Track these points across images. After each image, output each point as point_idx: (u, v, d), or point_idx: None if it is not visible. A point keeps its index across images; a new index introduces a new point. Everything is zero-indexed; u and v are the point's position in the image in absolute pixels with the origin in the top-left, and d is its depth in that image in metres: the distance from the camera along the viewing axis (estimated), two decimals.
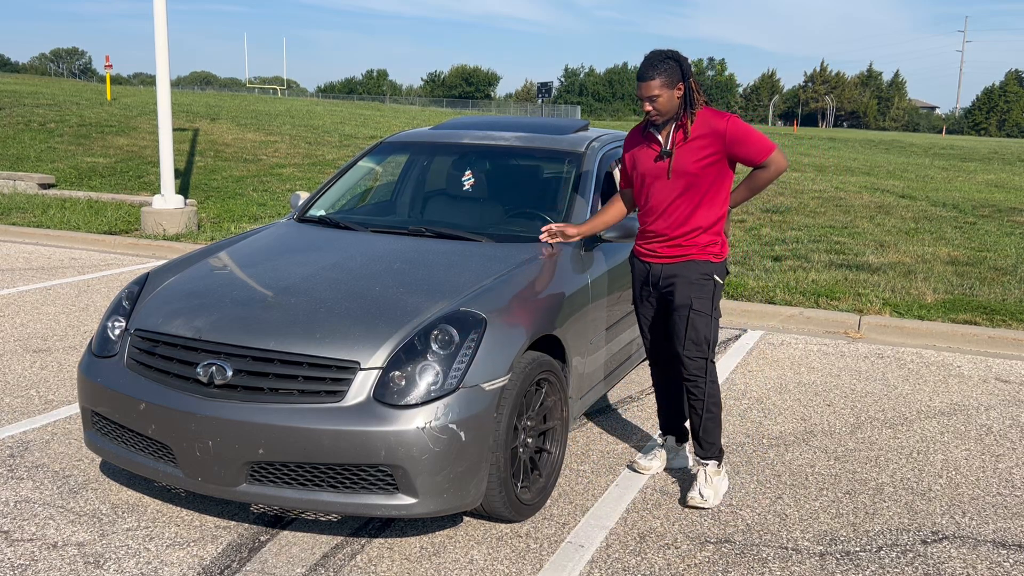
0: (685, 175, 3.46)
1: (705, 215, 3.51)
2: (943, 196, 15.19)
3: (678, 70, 3.40)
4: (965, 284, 7.92)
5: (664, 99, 3.40)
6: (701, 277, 3.53)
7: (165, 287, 3.71)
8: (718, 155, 3.44)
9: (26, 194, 12.74)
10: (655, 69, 3.38)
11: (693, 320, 3.52)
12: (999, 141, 53.93)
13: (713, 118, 3.45)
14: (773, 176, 3.49)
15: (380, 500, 3.02)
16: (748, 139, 3.42)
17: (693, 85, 3.44)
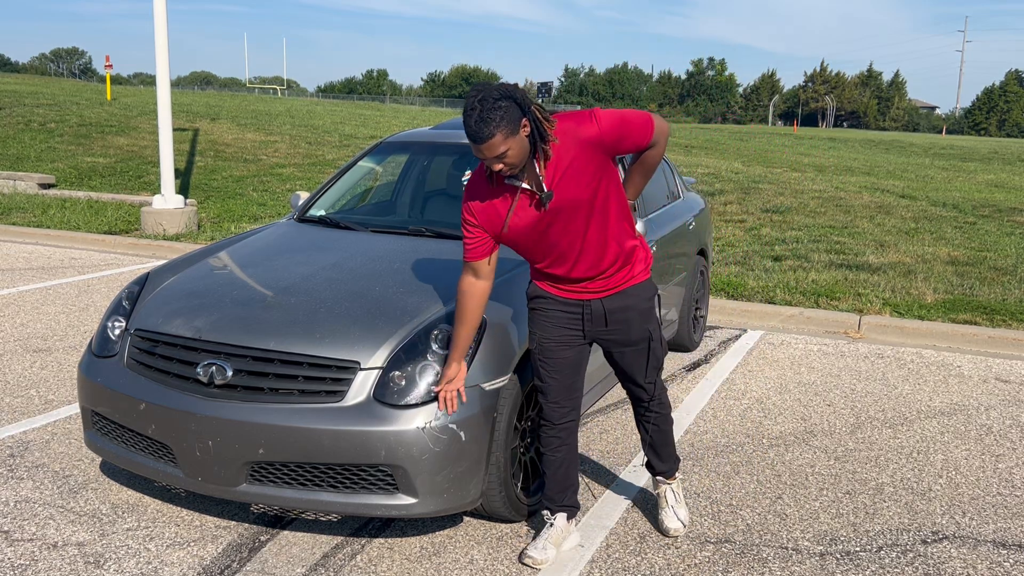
0: (579, 207, 2.82)
1: (619, 233, 2.94)
2: (943, 196, 15.19)
3: (514, 107, 2.64)
4: (965, 284, 7.92)
5: (515, 151, 2.67)
6: (649, 301, 3.09)
7: (165, 287, 3.71)
8: (602, 165, 2.80)
9: (26, 194, 12.74)
10: (490, 123, 2.61)
11: (654, 350, 3.13)
12: (999, 141, 53.93)
13: (577, 128, 2.77)
14: (664, 149, 2.91)
15: (380, 500, 3.02)
16: (625, 127, 2.77)
17: (536, 113, 2.71)
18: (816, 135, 45.41)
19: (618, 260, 2.98)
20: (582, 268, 2.94)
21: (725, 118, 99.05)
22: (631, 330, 3.06)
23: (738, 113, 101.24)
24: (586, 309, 3.03)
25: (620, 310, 3.02)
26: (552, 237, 2.88)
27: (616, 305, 3.02)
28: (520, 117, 2.67)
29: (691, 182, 6.75)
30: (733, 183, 15.01)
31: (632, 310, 3.04)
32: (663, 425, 3.29)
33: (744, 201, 13.21)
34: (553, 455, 3.18)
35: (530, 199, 2.83)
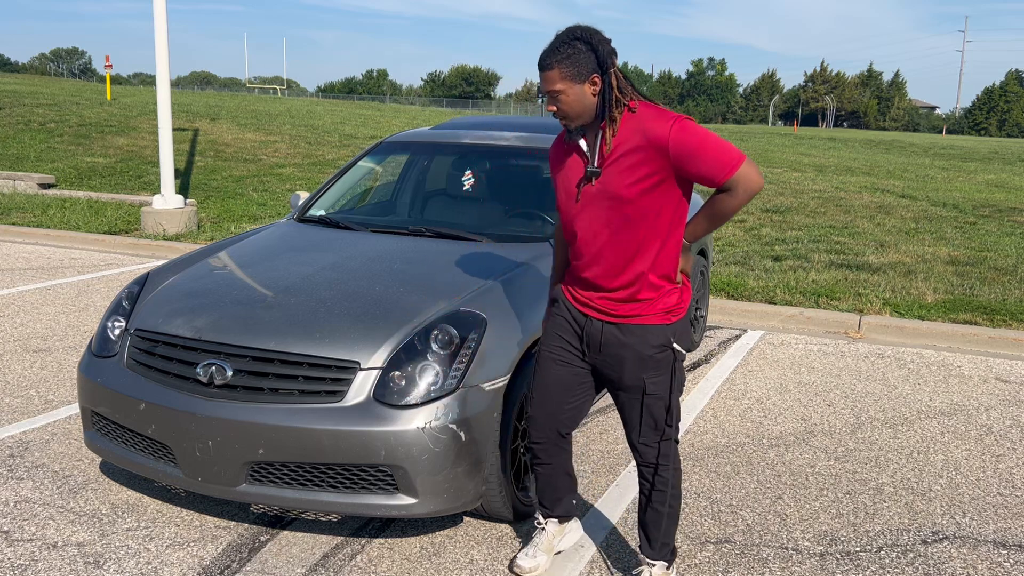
0: (618, 203, 2.57)
1: (651, 258, 2.62)
2: (943, 196, 15.19)
3: (590, 57, 2.50)
4: (965, 284, 7.92)
5: (571, 98, 2.53)
6: (656, 350, 2.67)
7: (165, 287, 3.71)
8: (660, 174, 2.52)
9: (26, 194, 12.74)
10: (555, 55, 2.51)
11: (649, 405, 2.72)
12: (999, 141, 53.91)
13: (653, 122, 2.52)
14: (743, 201, 2.52)
15: (380, 500, 3.02)
16: (703, 150, 2.46)
17: (615, 77, 2.53)
18: (816, 135, 45.41)
19: (637, 287, 2.64)
20: (594, 271, 2.68)
21: (725, 118, 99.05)
22: (624, 372, 2.71)
23: (738, 113, 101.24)
24: (587, 326, 2.76)
25: (616, 344, 2.70)
26: (583, 220, 2.66)
27: (614, 337, 2.70)
28: (592, 69, 2.50)
29: None
30: None
31: (629, 350, 2.68)
32: (659, 504, 2.82)
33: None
34: (535, 468, 3.02)
35: (584, 166, 2.64)
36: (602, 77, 2.52)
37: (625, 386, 2.74)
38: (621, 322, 2.68)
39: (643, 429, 2.76)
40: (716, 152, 2.46)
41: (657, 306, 2.66)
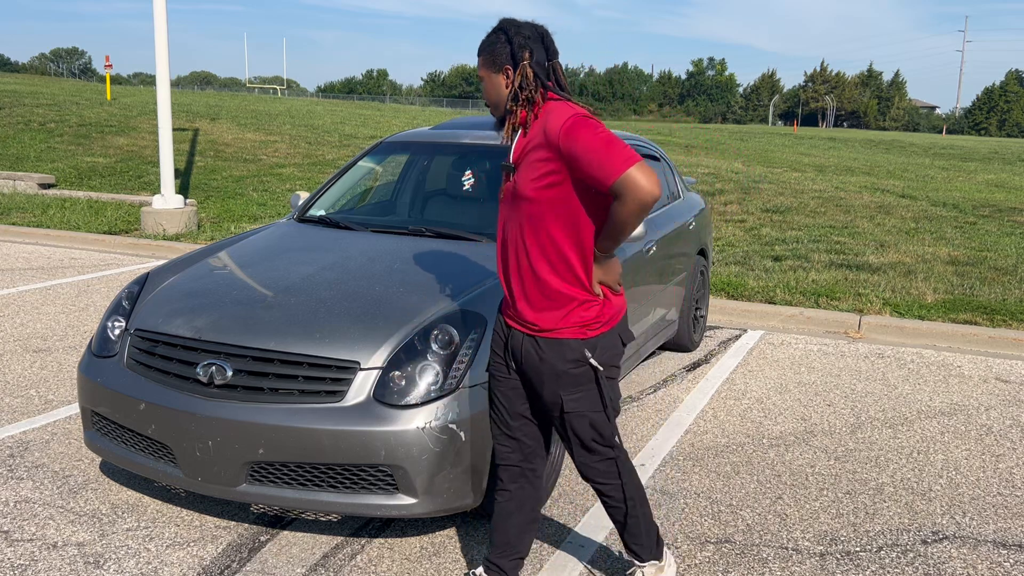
0: (524, 202, 2.46)
1: (557, 265, 2.47)
2: (943, 196, 15.19)
3: (506, 48, 2.46)
4: (965, 284, 7.92)
5: (488, 86, 2.53)
6: (570, 365, 2.51)
7: (165, 287, 3.71)
8: (559, 174, 2.39)
9: (26, 194, 12.74)
10: (482, 43, 2.52)
11: (571, 424, 2.59)
12: (999, 141, 53.92)
13: (553, 117, 2.42)
14: (632, 211, 2.31)
15: (380, 500, 3.02)
16: (591, 151, 2.31)
17: (528, 70, 2.45)
18: (816, 135, 45.40)
19: (545, 295, 2.51)
20: (506, 274, 2.60)
21: (725, 118, 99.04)
22: (543, 388, 2.58)
23: (738, 113, 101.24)
24: (510, 338, 2.64)
25: (535, 359, 2.56)
26: (503, 220, 2.59)
27: (532, 352, 2.56)
28: (505, 60, 2.48)
29: (691, 182, 6.75)
30: (733, 183, 15.01)
31: (546, 364, 2.54)
32: (621, 514, 2.74)
33: (744, 201, 13.20)
34: (496, 498, 2.78)
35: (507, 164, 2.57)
36: (515, 70, 2.47)
37: (545, 403, 2.61)
38: (537, 335, 2.55)
39: (573, 448, 2.66)
40: (604, 153, 2.30)
41: (569, 319, 2.50)
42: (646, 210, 2.32)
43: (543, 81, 2.49)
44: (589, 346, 2.51)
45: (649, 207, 2.32)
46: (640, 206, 2.30)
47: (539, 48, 2.50)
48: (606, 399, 2.57)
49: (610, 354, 2.56)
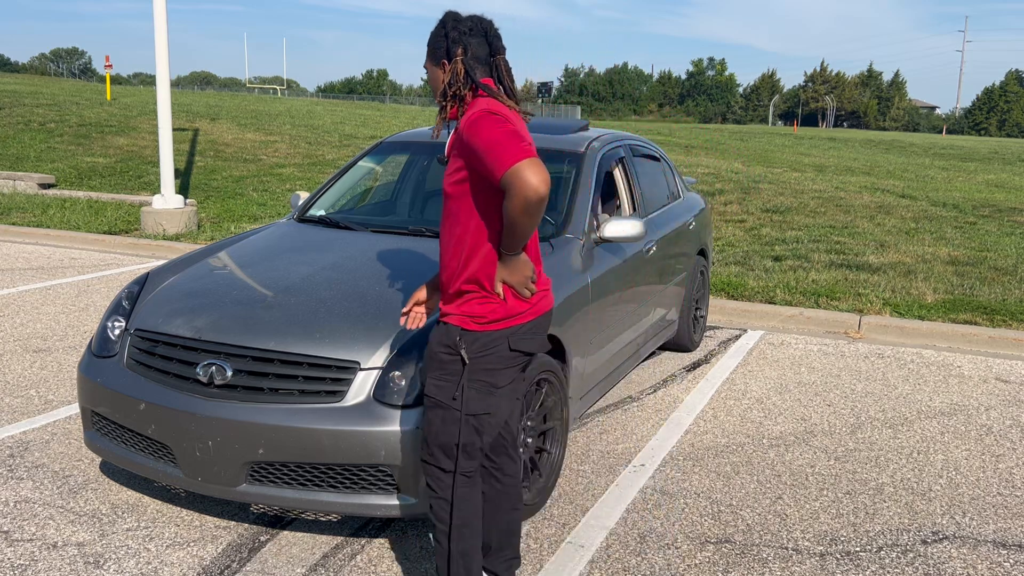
0: (445, 196, 2.50)
1: (466, 259, 2.46)
2: (943, 196, 15.19)
3: (443, 42, 2.48)
4: (965, 284, 7.92)
5: (429, 77, 2.54)
6: (442, 349, 2.48)
7: (165, 287, 3.71)
8: (466, 170, 2.40)
9: (26, 194, 12.74)
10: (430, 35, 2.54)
11: (427, 412, 2.53)
12: (999, 141, 53.92)
13: (467, 113, 2.43)
14: (518, 207, 2.23)
15: (380, 500, 3.02)
16: (483, 145, 2.28)
17: (460, 66, 2.45)
18: (816, 135, 45.41)
19: (453, 287, 2.49)
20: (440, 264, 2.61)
21: (725, 118, 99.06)
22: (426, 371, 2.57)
23: (738, 113, 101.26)
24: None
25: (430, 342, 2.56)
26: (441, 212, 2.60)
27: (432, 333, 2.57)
28: (442, 54, 2.49)
29: (692, 182, 6.75)
30: (733, 183, 15.01)
31: (429, 348, 2.55)
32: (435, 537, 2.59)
33: (744, 201, 13.20)
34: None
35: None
36: (451, 64, 2.47)
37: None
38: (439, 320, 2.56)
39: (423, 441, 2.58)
40: (495, 148, 2.26)
41: (463, 308, 2.47)
42: (532, 208, 2.23)
43: (474, 78, 2.47)
44: (468, 338, 2.45)
45: (535, 205, 2.23)
46: (525, 203, 2.22)
47: (479, 43, 2.48)
48: (464, 397, 2.46)
49: (487, 355, 2.45)
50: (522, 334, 2.48)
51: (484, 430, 2.51)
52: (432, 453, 2.54)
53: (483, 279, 2.44)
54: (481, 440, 2.52)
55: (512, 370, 2.51)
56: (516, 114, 2.51)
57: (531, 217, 2.26)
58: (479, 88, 2.46)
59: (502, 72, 2.51)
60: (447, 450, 2.50)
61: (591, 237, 4.23)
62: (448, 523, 2.53)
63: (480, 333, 2.45)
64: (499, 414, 2.53)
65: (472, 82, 2.47)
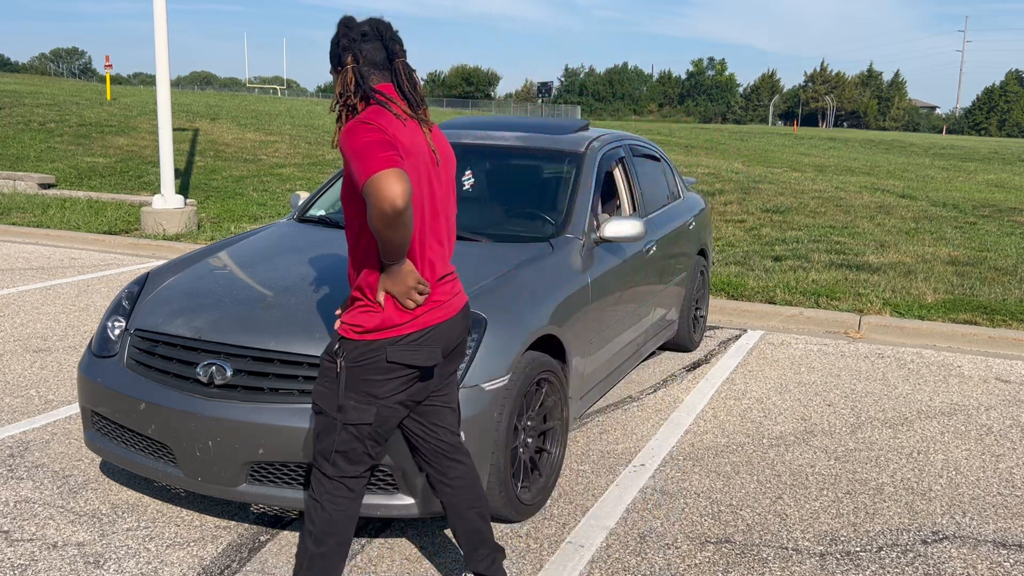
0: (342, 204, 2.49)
1: (356, 268, 2.47)
2: (943, 196, 15.19)
3: (336, 48, 2.44)
4: (965, 284, 7.92)
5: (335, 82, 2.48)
6: (326, 358, 2.50)
7: (165, 287, 3.71)
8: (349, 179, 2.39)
9: (26, 194, 12.74)
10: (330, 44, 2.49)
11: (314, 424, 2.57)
12: (999, 141, 53.93)
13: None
14: (374, 218, 2.18)
15: (380, 500, 3.02)
16: (350, 156, 2.25)
17: (350, 75, 2.41)
18: (816, 135, 45.41)
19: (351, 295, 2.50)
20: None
21: (725, 118, 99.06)
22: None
23: (738, 113, 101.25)
24: None
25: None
26: None
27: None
28: (335, 62, 2.44)
29: (692, 182, 6.75)
30: (733, 183, 15.01)
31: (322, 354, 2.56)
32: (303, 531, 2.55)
33: (744, 201, 13.20)
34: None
35: None
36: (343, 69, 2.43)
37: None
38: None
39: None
40: (359, 158, 2.22)
41: (348, 315, 2.46)
42: (389, 220, 2.17)
43: (363, 87, 2.40)
44: (346, 346, 2.43)
45: (390, 218, 2.16)
46: (380, 214, 2.16)
47: (375, 48, 2.42)
48: (343, 406, 2.44)
49: (364, 365, 2.41)
50: (403, 346, 2.41)
51: (366, 438, 2.48)
52: (315, 457, 2.53)
53: (366, 287, 2.42)
54: (366, 447, 2.49)
55: (397, 381, 2.44)
56: (413, 122, 2.43)
57: (392, 230, 2.20)
58: (370, 97, 2.40)
59: (401, 77, 2.44)
60: (327, 455, 2.49)
61: (591, 237, 4.23)
62: (314, 525, 2.51)
63: (358, 342, 2.41)
64: (384, 424, 2.48)
65: (362, 91, 2.41)
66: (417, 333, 2.43)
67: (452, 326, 2.54)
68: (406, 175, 2.20)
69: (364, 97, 2.41)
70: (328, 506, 2.51)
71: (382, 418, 2.47)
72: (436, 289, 2.50)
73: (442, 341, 2.51)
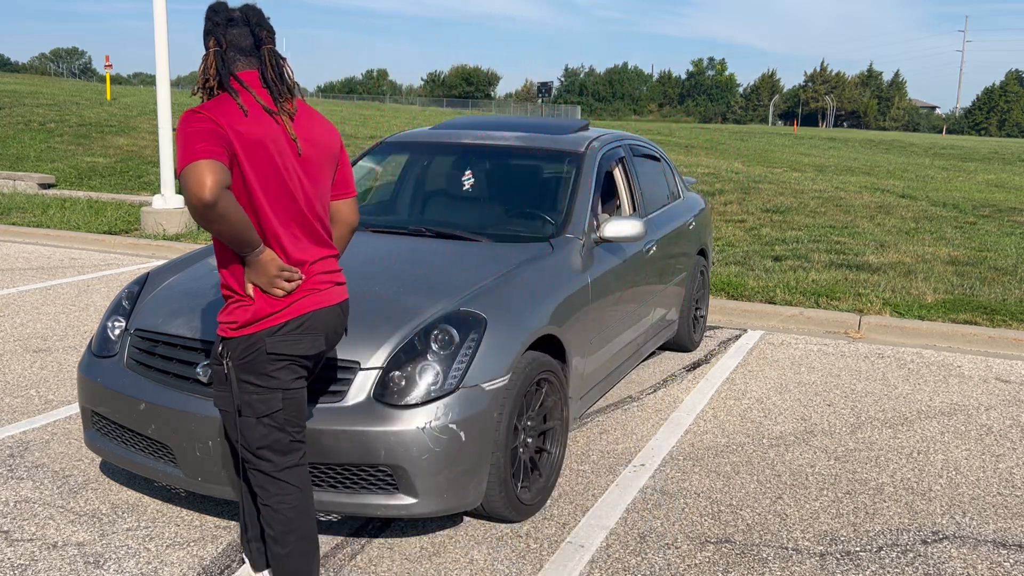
0: None
1: (223, 262, 2.44)
2: (943, 196, 15.19)
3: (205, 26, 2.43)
4: (965, 284, 7.92)
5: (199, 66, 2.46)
6: (214, 361, 2.51)
7: (165, 287, 3.71)
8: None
9: (26, 194, 12.74)
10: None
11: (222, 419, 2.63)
12: (999, 141, 53.95)
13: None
14: (190, 209, 2.19)
15: (380, 500, 3.02)
16: (178, 146, 2.27)
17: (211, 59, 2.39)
18: (816, 135, 45.42)
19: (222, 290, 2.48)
20: None
21: (725, 118, 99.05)
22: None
23: (738, 113, 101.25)
24: None
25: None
26: None
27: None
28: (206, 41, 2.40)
29: (691, 182, 6.75)
30: (733, 183, 15.01)
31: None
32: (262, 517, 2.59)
33: (744, 201, 13.21)
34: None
35: None
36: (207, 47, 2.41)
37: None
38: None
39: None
40: (180, 149, 2.22)
41: (223, 314, 2.46)
42: (198, 213, 2.17)
43: (221, 73, 2.37)
44: (229, 345, 2.44)
45: (199, 211, 2.17)
46: (190, 206, 2.18)
47: (242, 34, 2.40)
48: (238, 402, 2.46)
49: (249, 359, 2.42)
50: (282, 336, 2.41)
51: (284, 425, 2.50)
52: (248, 460, 2.54)
53: (233, 283, 2.42)
54: (288, 433, 2.51)
55: (287, 368, 2.45)
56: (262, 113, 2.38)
57: (207, 221, 2.19)
58: (224, 84, 2.37)
59: (266, 64, 2.41)
60: (256, 452, 2.51)
61: (591, 237, 4.23)
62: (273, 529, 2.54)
63: (238, 339, 2.41)
64: (294, 406, 2.51)
65: (219, 76, 2.37)
66: (295, 321, 2.43)
67: (331, 313, 2.53)
68: (220, 167, 2.18)
69: (220, 83, 2.38)
70: (279, 507, 2.53)
71: (289, 402, 2.49)
72: (310, 276, 2.47)
73: (324, 328, 2.50)
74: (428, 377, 3.04)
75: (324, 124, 2.58)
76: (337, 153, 2.60)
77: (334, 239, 2.63)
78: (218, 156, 2.20)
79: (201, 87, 2.40)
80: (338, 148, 2.61)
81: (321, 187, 2.53)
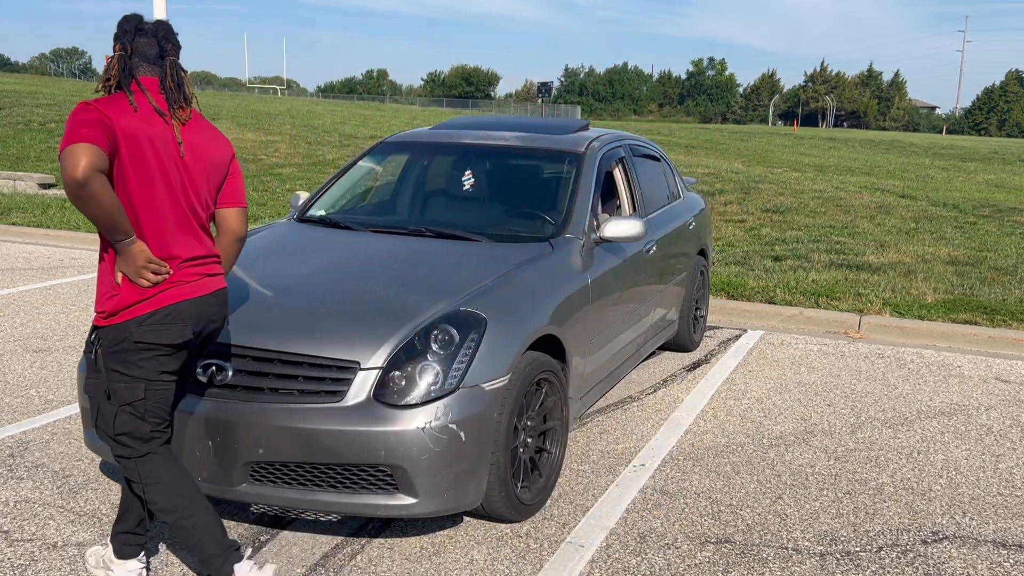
0: None
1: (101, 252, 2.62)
2: (943, 196, 15.19)
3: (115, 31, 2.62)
4: (965, 284, 7.92)
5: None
6: (88, 348, 2.70)
7: None
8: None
9: (26, 194, 12.74)
10: None
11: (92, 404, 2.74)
12: (999, 141, 53.96)
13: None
14: (65, 188, 2.34)
15: (380, 500, 3.02)
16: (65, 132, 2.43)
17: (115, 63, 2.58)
18: (816, 135, 45.42)
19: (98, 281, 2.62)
20: None
21: (725, 118, 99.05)
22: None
23: (738, 113, 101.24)
24: None
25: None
26: None
27: None
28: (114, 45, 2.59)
29: (692, 182, 6.75)
30: (733, 183, 15.01)
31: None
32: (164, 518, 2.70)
33: (744, 201, 13.21)
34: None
35: None
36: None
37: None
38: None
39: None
40: (65, 135, 2.38)
41: (97, 305, 2.59)
42: (72, 193, 2.32)
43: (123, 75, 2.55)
44: (100, 334, 2.58)
45: (70, 187, 2.31)
46: (65, 184, 2.32)
47: (148, 44, 2.62)
48: (112, 390, 2.60)
49: (118, 348, 2.55)
50: (149, 326, 2.54)
51: (146, 415, 2.64)
52: (112, 444, 2.66)
53: (104, 272, 2.57)
54: (148, 423, 2.65)
55: (155, 360, 2.59)
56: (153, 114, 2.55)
57: (80, 201, 2.34)
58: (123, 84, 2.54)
59: (167, 73, 2.61)
60: (118, 439, 2.64)
61: (591, 237, 4.23)
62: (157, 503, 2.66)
63: (108, 328, 2.55)
64: (158, 398, 2.64)
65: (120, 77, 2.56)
66: (161, 312, 2.56)
67: (201, 304, 2.66)
68: (96, 151, 2.33)
69: (119, 84, 2.56)
70: (151, 481, 2.66)
71: (153, 392, 2.63)
72: (180, 271, 2.60)
73: (191, 320, 2.63)
74: (428, 377, 3.04)
75: (216, 136, 2.77)
76: (226, 164, 2.78)
77: (220, 247, 2.80)
78: (98, 143, 2.35)
79: (102, 85, 2.59)
80: (227, 160, 2.78)
81: (202, 191, 2.69)
